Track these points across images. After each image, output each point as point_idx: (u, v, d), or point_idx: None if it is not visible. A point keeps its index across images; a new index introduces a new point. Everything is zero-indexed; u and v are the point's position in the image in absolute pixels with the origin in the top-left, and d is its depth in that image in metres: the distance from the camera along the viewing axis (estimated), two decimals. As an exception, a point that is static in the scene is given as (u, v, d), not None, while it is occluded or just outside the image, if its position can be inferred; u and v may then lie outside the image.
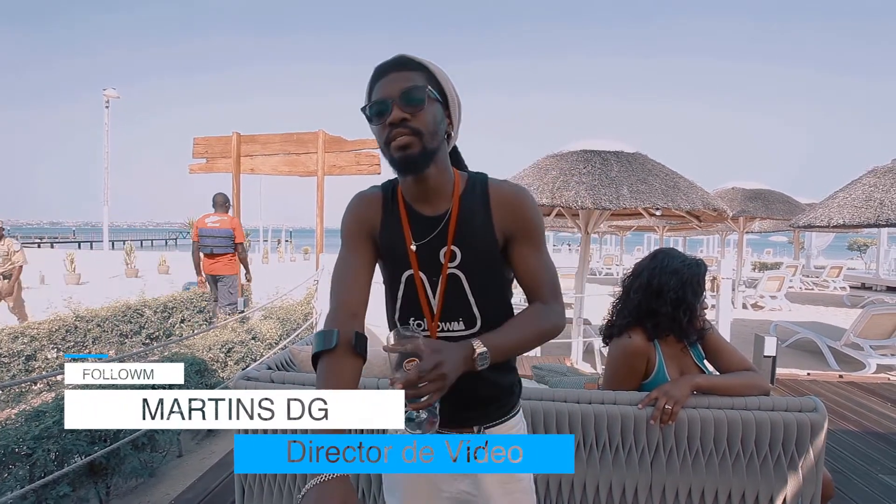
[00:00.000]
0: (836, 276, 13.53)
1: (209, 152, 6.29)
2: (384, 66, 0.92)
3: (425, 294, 0.99)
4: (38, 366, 4.52)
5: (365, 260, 1.01)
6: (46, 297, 5.98)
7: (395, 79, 0.89)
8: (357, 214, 1.03)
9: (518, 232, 0.99)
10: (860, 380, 4.60)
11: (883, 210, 5.43)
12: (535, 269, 1.00)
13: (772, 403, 1.55)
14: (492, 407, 1.06)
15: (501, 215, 0.98)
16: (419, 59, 0.92)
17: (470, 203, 0.99)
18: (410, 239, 0.98)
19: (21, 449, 2.09)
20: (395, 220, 1.00)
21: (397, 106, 0.88)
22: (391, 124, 0.88)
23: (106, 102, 16.60)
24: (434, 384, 0.78)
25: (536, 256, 1.01)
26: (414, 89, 0.88)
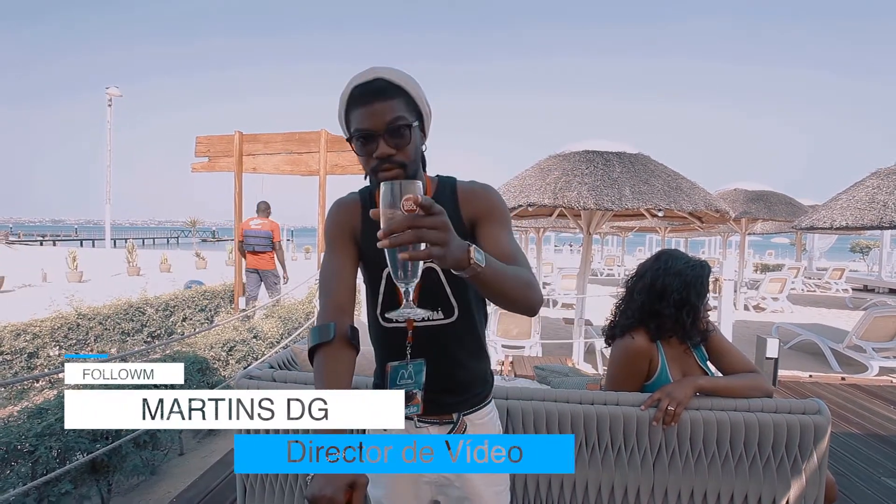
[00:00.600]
0: (838, 277, 13.48)
1: (211, 151, 6.29)
2: (364, 92, 0.92)
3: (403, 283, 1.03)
4: (41, 363, 4.53)
5: (349, 261, 1.06)
6: (49, 295, 5.99)
7: (380, 110, 0.91)
8: (337, 219, 1.08)
9: (482, 215, 1.03)
10: (862, 382, 4.59)
11: (886, 212, 5.41)
12: (506, 245, 1.00)
13: (775, 405, 1.54)
14: (469, 393, 1.11)
15: (467, 206, 1.04)
16: (396, 82, 0.93)
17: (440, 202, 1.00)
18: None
19: (23, 446, 2.10)
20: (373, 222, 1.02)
21: (384, 141, 0.91)
22: (378, 158, 0.92)
23: (109, 101, 16.64)
24: (434, 232, 0.66)
25: (506, 236, 1.03)
26: (400, 125, 0.92)
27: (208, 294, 6.74)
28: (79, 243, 39.92)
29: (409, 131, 0.93)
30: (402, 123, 0.92)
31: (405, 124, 0.93)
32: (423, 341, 1.05)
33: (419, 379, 1.04)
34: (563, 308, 9.78)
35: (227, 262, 19.71)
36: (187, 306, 6.29)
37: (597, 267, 18.53)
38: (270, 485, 1.78)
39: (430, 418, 1.10)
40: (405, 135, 0.93)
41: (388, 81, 0.93)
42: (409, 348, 1.05)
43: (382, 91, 0.93)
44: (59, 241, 42.23)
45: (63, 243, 38.28)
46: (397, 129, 0.92)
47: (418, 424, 1.10)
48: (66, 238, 46.42)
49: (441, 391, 1.07)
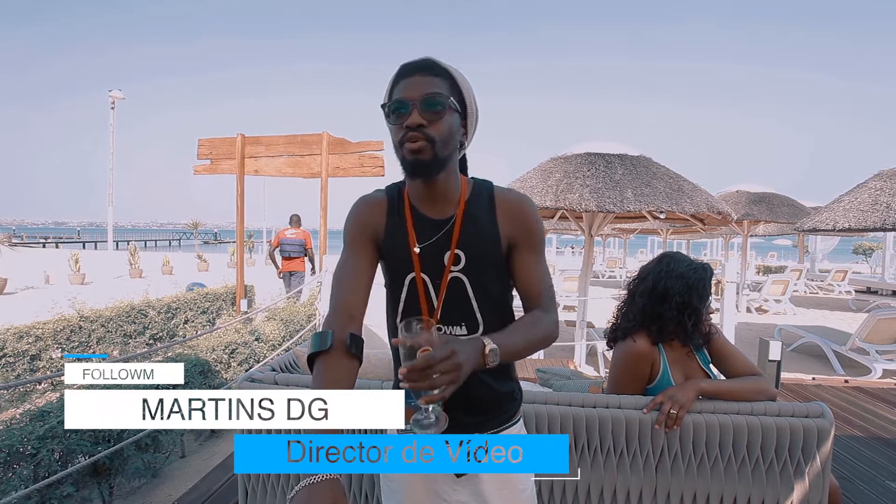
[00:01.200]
0: (841, 279, 13.43)
1: (213, 154, 6.31)
2: (410, 66, 0.93)
3: (427, 297, 1.00)
4: (43, 365, 4.54)
5: (365, 263, 1.02)
6: (51, 297, 6.01)
7: (419, 82, 0.91)
8: (359, 218, 1.04)
9: (522, 239, 1.01)
10: (866, 385, 4.56)
11: (889, 214, 5.40)
12: (537, 277, 1.01)
13: (778, 409, 1.53)
14: (493, 413, 1.05)
15: (506, 222, 1.00)
16: (445, 65, 0.94)
17: (476, 208, 1.00)
18: (415, 241, 0.99)
19: (26, 449, 2.10)
20: (400, 222, 1.01)
21: (417, 110, 0.89)
22: (408, 127, 0.90)
23: (111, 104, 16.69)
24: (447, 375, 0.74)
25: (537, 264, 1.02)
26: (436, 96, 0.90)
27: (210, 296, 6.75)
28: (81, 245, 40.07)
29: (444, 106, 0.91)
30: (440, 99, 0.90)
31: (442, 100, 0.90)
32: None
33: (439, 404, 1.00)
34: (564, 310, 9.75)
35: (229, 264, 19.74)
36: (189, 308, 6.30)
37: (598, 269, 18.51)
38: (272, 487, 1.78)
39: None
40: (440, 109, 0.90)
41: (435, 62, 0.93)
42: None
43: (427, 67, 0.92)
44: (62, 243, 42.39)
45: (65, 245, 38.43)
46: (433, 101, 0.90)
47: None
48: (69, 240, 46.60)
49: (461, 410, 0.99)
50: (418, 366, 0.73)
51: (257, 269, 18.52)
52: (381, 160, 5.96)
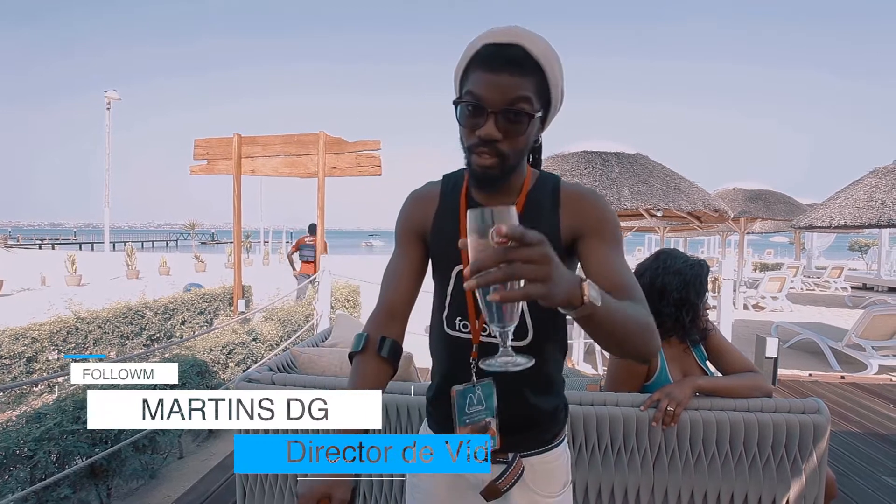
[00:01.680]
0: (837, 276, 13.51)
1: (210, 154, 6.30)
2: (497, 56, 0.77)
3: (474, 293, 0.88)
4: (40, 367, 4.52)
5: (413, 262, 0.97)
6: (47, 299, 5.98)
7: (504, 83, 0.77)
8: (408, 215, 0.99)
9: (588, 228, 0.87)
10: (862, 381, 4.59)
11: (885, 211, 5.43)
12: (616, 268, 0.84)
13: (774, 405, 1.54)
14: (533, 432, 0.94)
15: (570, 214, 0.88)
16: (536, 56, 0.78)
17: (537, 199, 0.91)
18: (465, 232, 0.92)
19: (22, 451, 2.09)
20: (453, 211, 0.93)
21: (493, 121, 0.77)
22: (479, 137, 0.79)
23: (107, 104, 16.62)
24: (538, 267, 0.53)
25: (617, 258, 0.86)
26: (520, 106, 0.77)
27: (207, 297, 6.73)
28: (78, 247, 39.92)
29: (527, 121, 0.79)
30: (524, 110, 0.77)
31: (527, 112, 0.78)
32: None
33: (490, 403, 0.89)
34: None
35: (227, 264, 19.71)
36: (186, 309, 6.28)
37: (596, 267, 18.50)
38: (270, 488, 1.78)
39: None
40: (521, 125, 0.78)
41: (527, 53, 0.78)
42: (474, 365, 0.90)
43: (516, 63, 0.77)
44: (58, 244, 42.23)
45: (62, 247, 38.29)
46: (515, 114, 0.77)
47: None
48: (65, 241, 46.42)
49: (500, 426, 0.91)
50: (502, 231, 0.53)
51: (255, 270, 18.49)
52: (378, 160, 5.96)
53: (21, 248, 34.79)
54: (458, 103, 0.81)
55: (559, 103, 0.87)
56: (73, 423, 2.30)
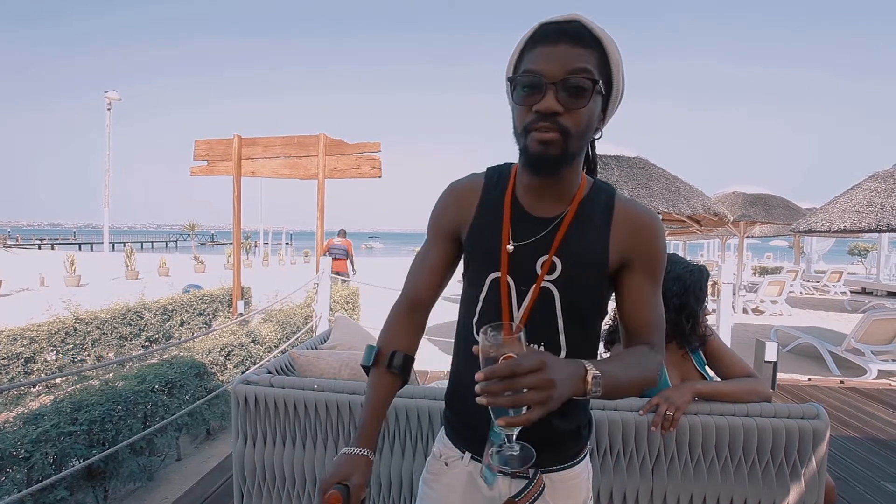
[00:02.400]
0: (836, 280, 13.52)
1: (210, 155, 6.30)
2: (553, 28, 0.74)
3: (509, 304, 0.85)
4: (38, 368, 4.51)
5: (443, 258, 0.93)
6: (46, 299, 5.97)
7: (563, 54, 0.73)
8: (444, 209, 0.93)
9: (639, 259, 0.84)
10: (861, 385, 4.59)
11: (884, 215, 5.43)
12: (652, 306, 0.85)
13: (774, 410, 1.54)
14: (558, 447, 0.90)
15: (622, 234, 0.84)
16: (596, 31, 0.75)
17: (589, 211, 0.85)
18: (508, 237, 0.85)
19: (19, 452, 2.08)
20: (496, 212, 0.87)
21: (553, 92, 0.72)
22: (538, 112, 0.73)
23: (108, 105, 16.64)
24: (536, 393, 0.60)
25: (653, 293, 0.85)
26: (581, 76, 0.73)
27: (206, 298, 6.72)
28: (77, 247, 39.89)
29: (590, 91, 0.73)
30: (585, 80, 0.72)
31: (589, 79, 0.73)
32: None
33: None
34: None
35: (226, 265, 19.70)
36: (185, 310, 6.27)
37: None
38: (268, 490, 1.77)
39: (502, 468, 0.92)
40: (584, 94, 0.73)
41: (586, 27, 0.75)
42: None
43: (575, 35, 0.74)
44: (58, 244, 42.21)
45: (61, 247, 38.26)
46: (576, 84, 0.72)
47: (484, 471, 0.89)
48: (65, 242, 46.40)
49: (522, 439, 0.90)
50: (500, 371, 0.61)
51: (254, 271, 18.48)
52: (378, 161, 5.96)
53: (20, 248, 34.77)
54: (513, 80, 0.77)
55: (621, 90, 0.81)
56: (71, 425, 2.29)
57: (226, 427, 3.61)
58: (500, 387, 0.61)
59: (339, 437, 1.68)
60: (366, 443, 0.82)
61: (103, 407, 2.47)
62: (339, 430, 1.67)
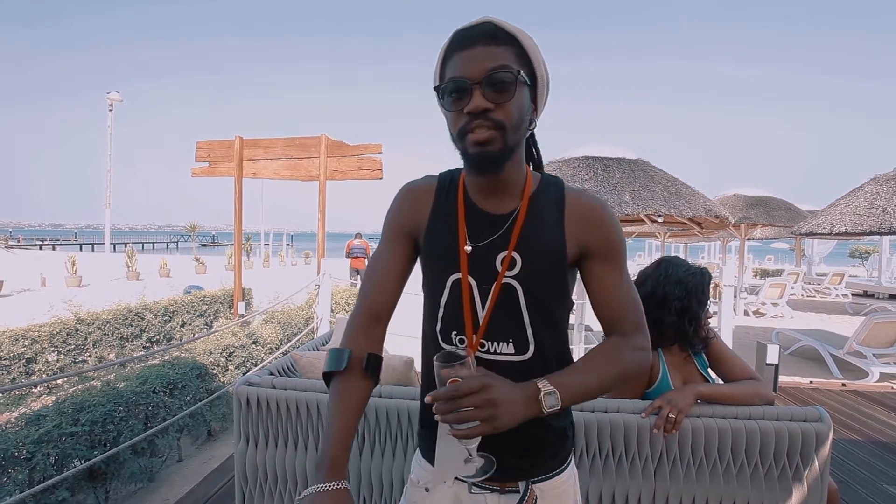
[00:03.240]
0: (838, 283, 13.48)
1: (212, 156, 6.31)
2: (467, 34, 0.77)
3: (472, 304, 0.85)
4: (39, 368, 4.52)
5: (400, 259, 0.91)
6: (47, 300, 5.98)
7: (481, 55, 0.75)
8: (401, 209, 0.92)
9: (596, 248, 0.85)
10: (863, 388, 4.58)
11: (885, 218, 5.43)
12: (618, 293, 0.85)
13: (776, 413, 1.54)
14: (543, 455, 0.89)
15: (577, 226, 0.85)
16: (509, 28, 0.77)
17: (542, 204, 0.86)
18: (465, 238, 0.85)
19: (21, 453, 2.09)
20: (450, 214, 0.87)
21: (480, 92, 0.74)
22: (470, 113, 0.75)
23: (109, 106, 16.67)
24: (480, 411, 0.68)
25: (618, 279, 0.86)
26: (503, 72, 0.74)
27: (207, 299, 6.73)
28: (78, 248, 39.94)
29: (514, 84, 0.75)
30: (507, 74, 0.74)
31: (510, 75, 0.75)
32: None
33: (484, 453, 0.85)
34: (562, 313, 9.74)
35: (227, 266, 19.71)
36: (186, 311, 6.27)
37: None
38: (269, 491, 1.77)
39: (491, 484, 0.88)
40: (508, 87, 0.75)
41: (498, 27, 0.77)
42: None
43: (489, 35, 0.76)
44: (59, 245, 42.25)
45: (62, 248, 38.31)
46: (499, 80, 0.74)
47: (473, 490, 0.88)
48: (66, 242, 46.46)
49: (506, 451, 0.85)
50: (441, 395, 0.69)
51: (255, 272, 18.49)
52: (380, 163, 5.97)
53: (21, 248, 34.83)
54: (439, 89, 0.79)
55: (546, 81, 0.83)
56: (72, 426, 2.30)
57: (227, 428, 3.61)
58: (446, 407, 0.68)
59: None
60: (340, 471, 0.74)
61: (105, 408, 2.48)
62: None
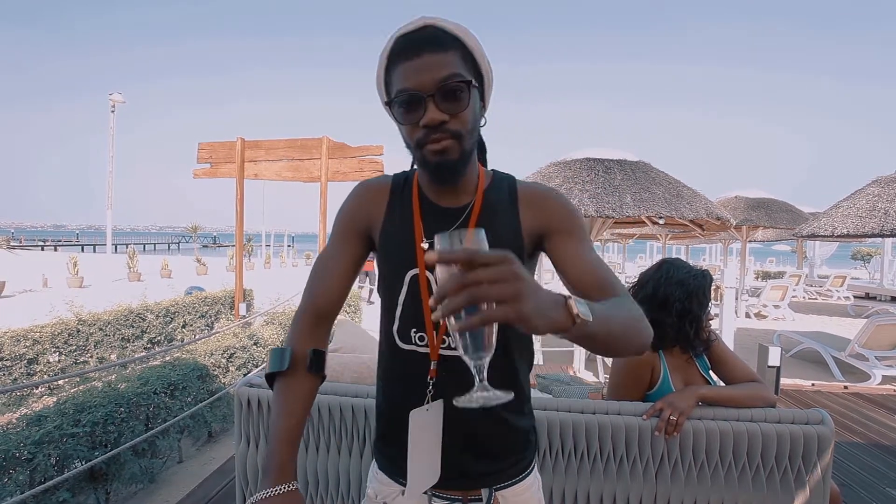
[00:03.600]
0: (839, 285, 13.46)
1: (213, 157, 6.32)
2: (411, 41, 0.74)
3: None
4: (41, 369, 4.52)
5: (350, 258, 0.88)
6: (49, 300, 5.99)
7: (430, 64, 0.72)
8: (355, 206, 0.90)
9: (555, 227, 0.83)
10: (865, 391, 4.56)
11: (887, 220, 5.42)
12: (593, 261, 0.80)
13: (778, 415, 1.53)
14: (508, 461, 0.88)
15: (532, 214, 0.84)
16: (452, 30, 0.74)
17: (496, 198, 0.86)
18: (422, 235, 0.83)
19: (22, 453, 2.09)
20: (405, 210, 0.86)
21: (434, 104, 0.72)
22: (426, 126, 0.74)
23: (112, 107, 16.72)
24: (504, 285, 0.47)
25: (588, 251, 0.82)
26: (455, 82, 0.72)
27: (209, 300, 6.73)
28: (80, 249, 40.00)
29: (467, 92, 0.74)
30: (459, 81, 0.73)
31: (462, 82, 0.73)
32: (448, 381, 0.81)
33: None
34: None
35: (228, 268, 19.72)
36: (187, 312, 6.28)
37: (597, 274, 18.46)
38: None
39: (452, 493, 0.85)
40: (462, 96, 0.73)
41: (441, 30, 0.74)
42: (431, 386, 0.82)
43: (434, 41, 0.73)
44: (61, 246, 42.32)
45: (64, 248, 38.37)
46: (452, 89, 0.72)
47: (434, 501, 0.86)
48: (68, 243, 46.54)
49: (470, 457, 0.83)
50: (459, 256, 0.49)
51: (256, 273, 18.50)
52: (381, 164, 5.97)
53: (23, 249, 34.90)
54: (391, 103, 0.76)
55: (490, 76, 0.82)
56: (73, 427, 2.30)
57: (227, 429, 3.61)
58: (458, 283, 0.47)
59: (342, 440, 1.68)
60: (288, 473, 0.71)
61: (106, 409, 2.48)
62: (341, 432, 1.67)
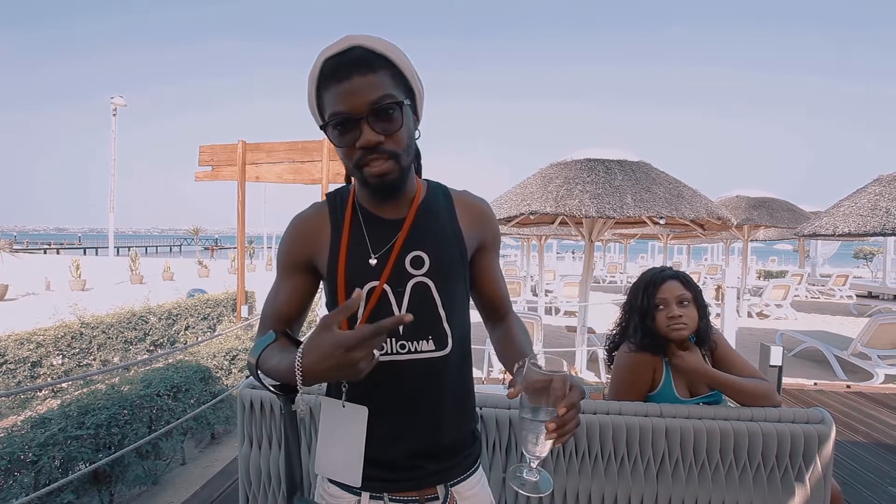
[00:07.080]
0: (842, 284, 13.43)
1: (214, 160, 6.34)
2: (340, 64, 0.74)
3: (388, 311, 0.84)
4: (44, 372, 4.54)
5: (300, 294, 0.89)
6: (52, 304, 6.01)
7: (361, 87, 0.73)
8: (293, 241, 0.90)
9: (488, 241, 0.95)
10: (868, 390, 4.56)
11: (889, 218, 5.41)
12: (500, 280, 1.00)
13: (778, 415, 1.54)
14: (459, 457, 0.90)
15: (471, 224, 0.92)
16: (380, 49, 0.75)
17: (434, 206, 0.90)
18: (370, 251, 0.84)
19: (26, 456, 2.10)
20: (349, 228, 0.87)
21: (369, 126, 0.74)
22: (362, 147, 0.75)
23: (113, 110, 16.78)
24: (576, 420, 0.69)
25: (498, 265, 1.00)
26: (387, 103, 0.74)
27: (211, 302, 6.75)
28: (82, 252, 40.11)
29: (399, 112, 0.76)
30: (391, 102, 0.74)
31: (394, 102, 0.74)
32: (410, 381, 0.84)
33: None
34: (565, 316, 9.75)
35: (230, 270, 19.76)
36: (190, 315, 6.30)
37: (599, 274, 18.50)
38: (273, 494, 1.77)
39: (408, 495, 0.85)
40: (395, 117, 0.75)
41: (368, 50, 0.74)
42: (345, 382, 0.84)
43: (363, 63, 0.73)
44: (63, 249, 42.44)
45: (66, 252, 38.47)
46: (385, 110, 0.74)
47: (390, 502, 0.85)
48: (70, 246, 46.67)
49: (424, 455, 0.85)
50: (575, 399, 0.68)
51: (258, 275, 18.53)
52: (382, 166, 5.99)
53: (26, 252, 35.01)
54: (326, 127, 0.78)
55: (421, 90, 0.83)
56: (77, 429, 2.31)
57: (230, 431, 3.62)
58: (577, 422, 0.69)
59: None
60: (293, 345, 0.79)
61: (109, 411, 2.49)
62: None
